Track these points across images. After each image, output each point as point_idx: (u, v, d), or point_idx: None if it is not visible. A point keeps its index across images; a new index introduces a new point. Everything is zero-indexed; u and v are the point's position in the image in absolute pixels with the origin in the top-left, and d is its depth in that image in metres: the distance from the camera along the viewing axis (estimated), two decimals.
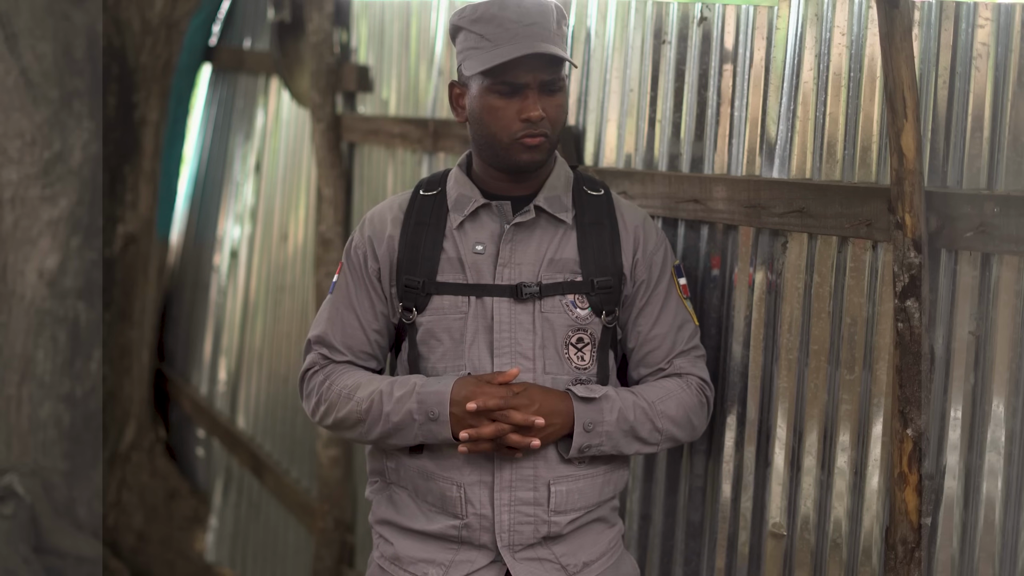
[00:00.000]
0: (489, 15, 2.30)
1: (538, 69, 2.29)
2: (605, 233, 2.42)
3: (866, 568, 2.35)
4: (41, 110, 4.52)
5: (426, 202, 2.44)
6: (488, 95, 2.32)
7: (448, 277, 2.39)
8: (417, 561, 2.42)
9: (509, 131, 2.32)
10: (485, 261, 2.38)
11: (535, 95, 2.30)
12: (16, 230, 4.58)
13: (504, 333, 2.36)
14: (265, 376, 5.03)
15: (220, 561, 5.37)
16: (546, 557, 2.40)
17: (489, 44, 2.29)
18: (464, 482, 2.37)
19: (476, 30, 2.31)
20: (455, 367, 2.38)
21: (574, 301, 2.39)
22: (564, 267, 2.39)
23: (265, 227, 5.11)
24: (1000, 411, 2.13)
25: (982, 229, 2.12)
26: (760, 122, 2.57)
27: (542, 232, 2.40)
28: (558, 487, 2.38)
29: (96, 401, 4.78)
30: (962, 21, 2.19)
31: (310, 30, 4.25)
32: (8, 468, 4.56)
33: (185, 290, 5.95)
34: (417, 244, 2.40)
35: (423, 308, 2.39)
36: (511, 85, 2.30)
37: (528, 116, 2.30)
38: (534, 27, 2.29)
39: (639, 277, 2.43)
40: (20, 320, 4.61)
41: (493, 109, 2.32)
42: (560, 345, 2.38)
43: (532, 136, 2.31)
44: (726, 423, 2.63)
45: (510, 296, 2.37)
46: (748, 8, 2.61)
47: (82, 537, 4.65)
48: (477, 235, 2.39)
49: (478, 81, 2.33)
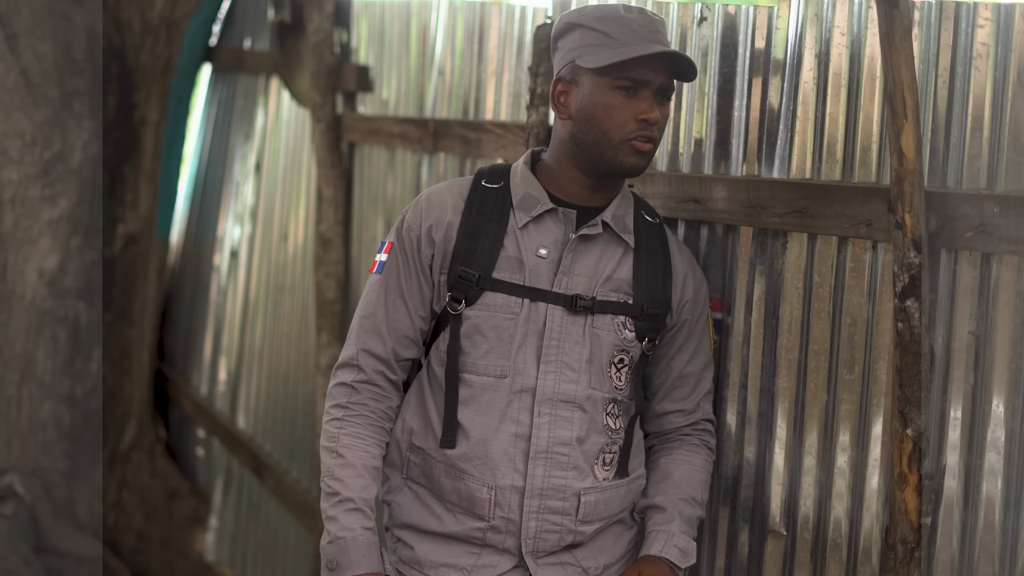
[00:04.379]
0: (615, 15, 2.31)
1: (661, 72, 2.29)
2: (658, 263, 2.41)
3: (866, 568, 2.35)
4: (41, 110, 4.52)
5: (488, 194, 2.40)
6: (606, 92, 2.30)
7: (505, 275, 2.36)
8: (439, 565, 2.39)
9: (623, 131, 2.30)
10: (546, 266, 2.36)
11: (652, 98, 2.30)
12: (16, 230, 4.58)
13: (553, 341, 2.35)
14: (265, 376, 5.03)
15: (220, 561, 5.37)
16: (568, 562, 2.40)
17: (614, 42, 2.29)
18: (497, 485, 2.35)
19: (600, 28, 2.30)
20: (498, 367, 2.35)
21: (624, 322, 2.38)
22: (619, 287, 2.38)
23: (265, 227, 5.11)
24: (1000, 411, 2.13)
25: (982, 229, 2.12)
26: (760, 122, 2.57)
27: (604, 248, 2.38)
28: (587, 498, 2.37)
29: (96, 401, 4.78)
30: (962, 21, 2.19)
31: (310, 30, 4.25)
32: (8, 468, 4.56)
33: (185, 290, 5.95)
34: (477, 236, 2.36)
35: (473, 301, 2.36)
36: (634, 81, 2.28)
37: (646, 116, 2.28)
38: (658, 34, 2.31)
39: (684, 316, 2.44)
40: (20, 320, 4.61)
41: (610, 107, 2.30)
42: (605, 363, 2.37)
43: (644, 140, 2.30)
44: (726, 423, 2.63)
45: (565, 305, 2.35)
46: (748, 8, 2.61)
47: (82, 537, 4.65)
48: (541, 238, 2.37)
49: (594, 78, 2.30)
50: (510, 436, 2.35)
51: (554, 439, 2.34)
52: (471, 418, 2.36)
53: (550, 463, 2.34)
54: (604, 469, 2.39)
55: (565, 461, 2.35)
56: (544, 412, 2.34)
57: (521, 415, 2.35)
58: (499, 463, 2.34)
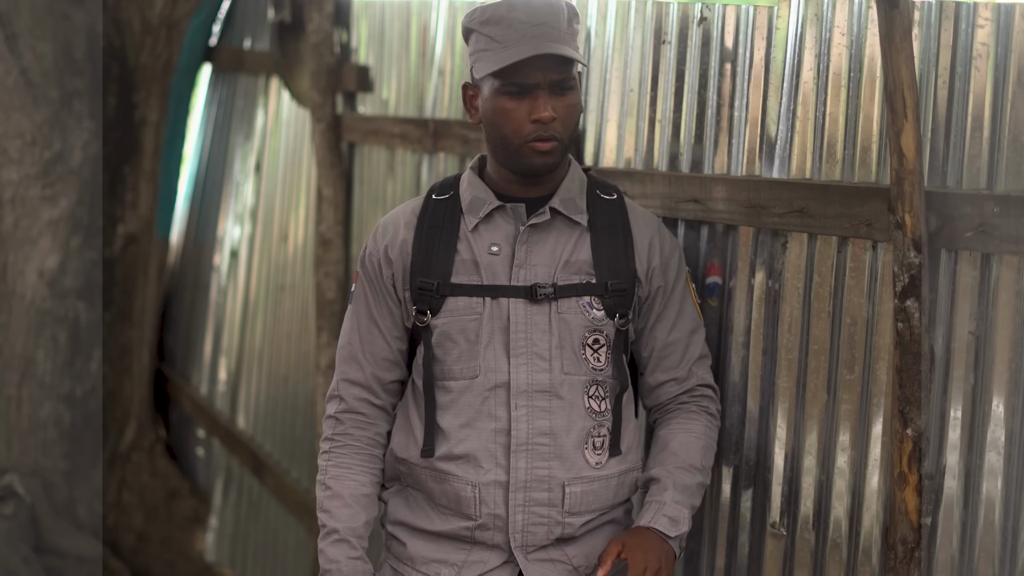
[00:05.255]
0: (498, 16, 2.30)
1: (547, 69, 2.29)
2: (619, 237, 2.41)
3: (866, 568, 2.35)
4: (41, 110, 4.52)
5: (439, 206, 2.43)
6: (499, 97, 2.31)
7: (463, 279, 2.38)
8: (430, 561, 2.42)
9: (520, 133, 2.31)
10: (500, 262, 2.38)
11: (545, 96, 2.29)
12: (16, 230, 4.58)
13: (520, 333, 2.36)
14: (265, 376, 5.03)
15: (220, 561, 5.37)
16: (558, 558, 2.40)
17: (499, 46, 2.29)
18: (479, 482, 2.36)
19: (486, 32, 2.31)
20: (470, 369, 2.37)
21: (590, 302, 2.38)
22: (579, 269, 2.39)
23: (265, 227, 5.11)
24: (1000, 411, 2.13)
25: (982, 229, 2.12)
26: (760, 122, 2.57)
27: (557, 234, 2.39)
28: (572, 488, 2.37)
29: (96, 401, 4.78)
30: (962, 21, 2.19)
31: (310, 30, 4.24)
32: (8, 468, 4.56)
33: (185, 290, 5.95)
34: (431, 247, 2.40)
35: (437, 310, 2.39)
36: (520, 86, 2.29)
37: (539, 117, 2.29)
38: (543, 27, 2.28)
39: (655, 284, 2.44)
40: (20, 320, 4.61)
41: (504, 111, 2.31)
42: (577, 346, 2.38)
43: (543, 140, 2.31)
44: (726, 423, 2.63)
45: (525, 297, 2.36)
46: (748, 8, 2.61)
47: (82, 537, 4.65)
48: (492, 237, 2.39)
49: (489, 83, 2.32)
50: (489, 432, 2.36)
51: (534, 430, 2.35)
52: (450, 421, 2.38)
53: (531, 454, 2.35)
54: (596, 453, 2.39)
55: (547, 451, 2.35)
56: (521, 404, 2.35)
57: (498, 411, 2.36)
58: (481, 460, 2.36)
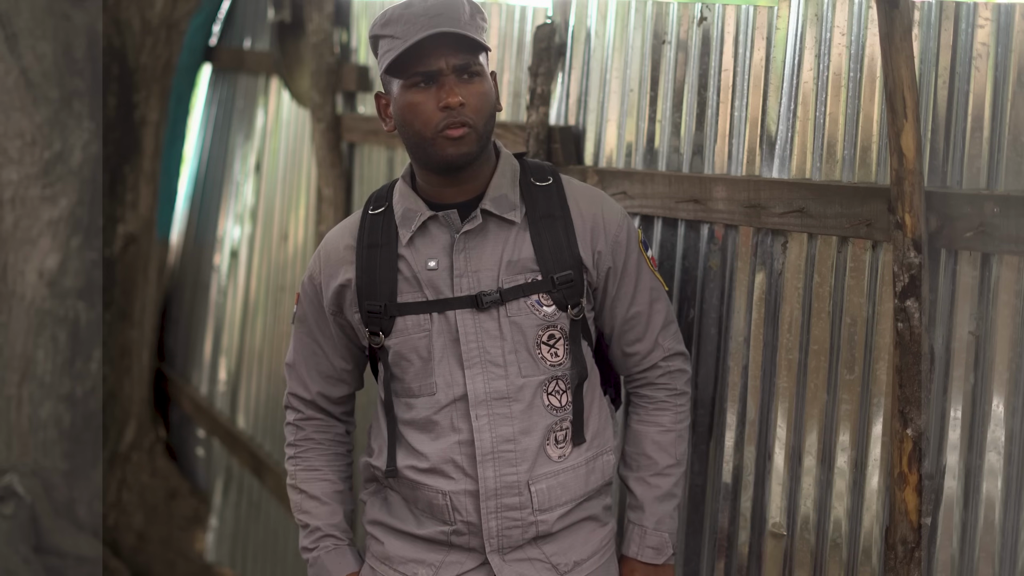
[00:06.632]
0: (396, 15, 2.28)
1: (448, 54, 2.25)
2: (559, 225, 2.37)
3: (866, 568, 2.35)
4: (41, 110, 4.52)
5: (375, 221, 2.40)
6: (406, 93, 2.28)
7: (408, 297, 2.36)
8: (407, 561, 2.43)
9: (431, 124, 2.27)
10: (440, 275, 2.35)
11: (451, 81, 2.26)
12: (16, 230, 4.58)
13: (472, 344, 2.34)
14: (265, 376, 5.03)
15: (220, 561, 5.37)
16: (536, 557, 2.40)
17: (399, 42, 2.26)
18: (450, 491, 2.36)
19: (386, 32, 2.29)
20: (427, 385, 2.37)
21: (539, 300, 2.35)
22: (523, 268, 2.35)
23: (265, 227, 5.11)
24: (1000, 411, 2.13)
25: (982, 229, 2.12)
26: (760, 122, 2.57)
27: (494, 236, 2.35)
28: (538, 486, 2.37)
29: (96, 401, 4.78)
30: (962, 21, 2.19)
31: (310, 30, 4.25)
32: (8, 468, 4.56)
33: (185, 290, 5.95)
34: (372, 268, 2.37)
35: (389, 331, 2.37)
36: (424, 75, 2.26)
37: (446, 103, 2.25)
38: (439, 17, 2.25)
39: (605, 264, 2.39)
40: (20, 320, 4.61)
41: (413, 106, 2.27)
42: (532, 346, 2.35)
43: (453, 127, 2.26)
44: (726, 423, 2.63)
45: (471, 306, 2.34)
46: (748, 8, 2.61)
47: (82, 537, 4.65)
48: (428, 250, 2.35)
49: (396, 84, 2.30)
50: (454, 444, 2.36)
51: (497, 438, 2.34)
52: (414, 436, 2.39)
53: (499, 462, 2.35)
54: (558, 447, 2.38)
55: (513, 457, 2.35)
56: (481, 415, 2.34)
57: (459, 423, 2.35)
58: (449, 471, 2.36)
